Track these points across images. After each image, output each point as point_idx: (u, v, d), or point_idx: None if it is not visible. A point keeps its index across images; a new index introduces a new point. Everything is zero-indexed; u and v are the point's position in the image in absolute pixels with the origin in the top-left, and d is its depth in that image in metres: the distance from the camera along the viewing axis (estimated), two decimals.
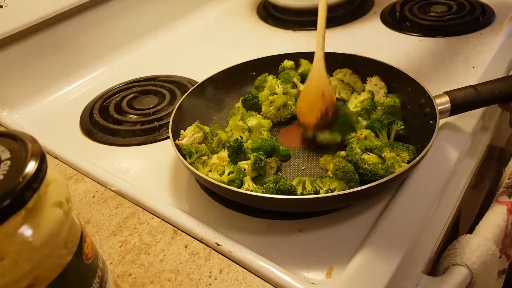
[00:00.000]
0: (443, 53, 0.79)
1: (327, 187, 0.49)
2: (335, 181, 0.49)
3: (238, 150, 0.55)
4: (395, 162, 0.50)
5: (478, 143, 0.63)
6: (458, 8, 0.90)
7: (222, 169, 0.53)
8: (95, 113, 0.74)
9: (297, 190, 0.50)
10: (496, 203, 0.54)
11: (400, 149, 0.52)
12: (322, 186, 0.50)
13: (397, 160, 0.51)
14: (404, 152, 0.51)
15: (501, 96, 0.58)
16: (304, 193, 0.49)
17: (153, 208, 0.52)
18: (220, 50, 0.90)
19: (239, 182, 0.52)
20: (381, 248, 0.45)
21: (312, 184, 0.50)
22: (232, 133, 0.61)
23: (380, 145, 0.55)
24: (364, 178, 0.50)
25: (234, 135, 0.61)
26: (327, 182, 0.50)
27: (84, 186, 0.58)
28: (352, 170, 0.50)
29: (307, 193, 0.49)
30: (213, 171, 0.53)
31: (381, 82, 0.65)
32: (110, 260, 0.47)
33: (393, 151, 0.52)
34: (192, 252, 0.46)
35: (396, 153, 0.52)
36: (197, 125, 0.59)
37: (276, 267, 0.43)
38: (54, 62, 0.81)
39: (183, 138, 0.58)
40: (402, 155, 0.51)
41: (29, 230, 0.26)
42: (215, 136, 0.59)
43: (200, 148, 0.56)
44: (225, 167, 0.53)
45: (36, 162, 0.27)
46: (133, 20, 0.92)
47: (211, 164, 0.54)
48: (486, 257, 0.49)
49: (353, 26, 0.92)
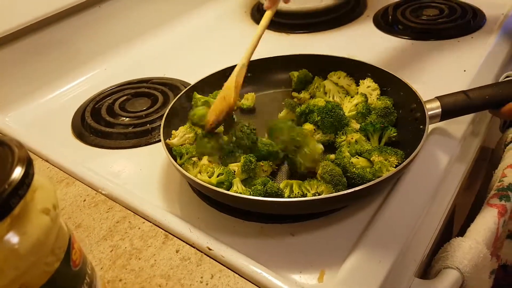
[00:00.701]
0: (435, 56, 0.79)
1: (315, 190, 0.49)
2: (323, 184, 0.50)
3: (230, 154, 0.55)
4: (382, 166, 0.51)
5: (469, 148, 0.64)
6: (450, 11, 0.91)
7: (211, 170, 0.53)
8: (87, 116, 0.73)
9: (284, 193, 0.50)
10: (487, 205, 0.55)
11: (388, 154, 0.52)
12: (309, 189, 0.50)
13: (384, 164, 0.51)
14: (392, 157, 0.52)
15: (492, 102, 0.58)
16: (291, 196, 0.49)
17: (144, 212, 0.52)
18: (213, 52, 0.90)
19: (228, 184, 0.51)
20: (373, 251, 0.45)
21: (299, 187, 0.50)
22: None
23: (369, 149, 0.55)
24: (352, 182, 0.51)
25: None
26: (315, 185, 0.50)
27: (75, 189, 0.57)
28: (340, 173, 0.50)
29: (294, 196, 0.49)
30: (202, 172, 0.53)
31: (374, 84, 0.65)
32: (100, 265, 0.46)
33: (381, 155, 0.52)
34: (183, 257, 0.46)
35: (384, 157, 0.52)
36: (190, 126, 0.59)
37: (268, 272, 0.43)
38: (46, 64, 0.80)
39: (174, 137, 0.58)
40: (390, 160, 0.51)
41: (15, 237, 0.26)
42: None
43: (190, 149, 0.56)
44: (215, 169, 0.53)
45: (23, 168, 0.26)
46: (127, 22, 0.91)
47: (201, 165, 0.54)
48: (477, 260, 0.49)
49: (346, 29, 0.93)
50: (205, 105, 0.60)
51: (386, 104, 0.60)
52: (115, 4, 0.88)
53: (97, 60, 0.87)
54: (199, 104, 0.63)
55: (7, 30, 0.72)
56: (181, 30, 0.98)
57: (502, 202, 0.54)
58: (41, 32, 0.78)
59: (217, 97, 0.59)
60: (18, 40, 0.75)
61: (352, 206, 0.52)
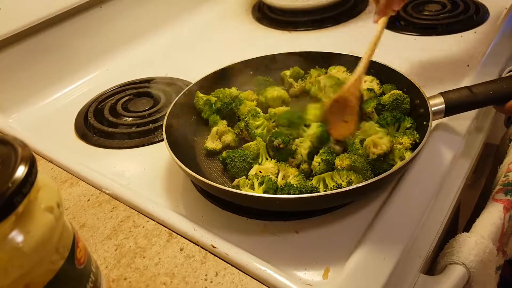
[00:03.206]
0: (437, 51, 0.79)
1: (347, 180, 0.49)
2: (352, 173, 0.50)
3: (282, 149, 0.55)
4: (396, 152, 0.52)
5: (473, 143, 0.63)
6: (452, 6, 0.90)
7: (250, 182, 0.51)
8: (89, 116, 0.73)
9: (319, 188, 0.50)
10: (492, 201, 0.54)
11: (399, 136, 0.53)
12: (341, 179, 0.50)
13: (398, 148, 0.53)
14: (403, 137, 0.53)
15: (496, 98, 0.57)
16: (327, 190, 0.49)
17: (148, 211, 0.52)
18: (215, 51, 0.90)
19: (272, 192, 0.50)
20: (377, 248, 0.45)
21: (332, 179, 0.50)
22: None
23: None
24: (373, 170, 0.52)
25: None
26: (344, 175, 0.50)
27: (79, 189, 0.57)
28: (363, 161, 0.52)
29: (329, 189, 0.49)
30: (242, 186, 0.51)
31: (369, 77, 0.65)
32: (105, 264, 0.46)
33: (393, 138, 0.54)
34: (187, 255, 0.46)
35: (396, 140, 0.54)
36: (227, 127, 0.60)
37: (272, 269, 0.43)
38: (48, 66, 0.80)
39: (212, 140, 0.60)
40: (402, 141, 0.53)
41: (19, 236, 0.26)
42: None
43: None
44: (253, 179, 0.51)
45: (26, 167, 0.26)
46: (128, 22, 0.91)
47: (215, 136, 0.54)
48: (483, 255, 0.48)
49: (348, 25, 0.92)
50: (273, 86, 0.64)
51: (393, 97, 0.59)
52: (116, 5, 0.88)
53: (99, 61, 0.87)
54: (202, 103, 0.63)
55: (9, 32, 0.72)
56: (183, 30, 0.98)
57: (508, 197, 0.54)
58: (43, 34, 0.79)
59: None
60: (20, 42, 0.76)
61: (356, 202, 0.51)
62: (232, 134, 0.60)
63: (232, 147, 0.60)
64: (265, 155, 0.56)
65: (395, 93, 0.60)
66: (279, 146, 0.54)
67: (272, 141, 0.55)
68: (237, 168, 0.54)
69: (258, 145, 0.57)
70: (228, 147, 0.60)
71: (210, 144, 0.60)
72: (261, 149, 0.56)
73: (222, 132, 0.61)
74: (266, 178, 0.50)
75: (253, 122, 0.60)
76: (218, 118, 0.62)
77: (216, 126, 0.61)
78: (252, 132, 0.59)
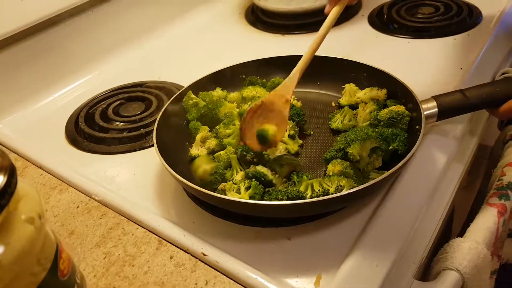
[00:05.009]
0: (431, 54, 0.79)
1: (336, 185, 0.48)
2: (342, 178, 0.49)
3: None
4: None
5: (466, 147, 0.63)
6: (445, 9, 0.90)
7: (236, 187, 0.50)
8: (80, 121, 0.72)
9: (306, 194, 0.49)
10: (486, 205, 0.54)
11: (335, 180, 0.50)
12: (330, 185, 0.49)
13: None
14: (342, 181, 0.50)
15: (489, 101, 0.57)
16: (313, 195, 0.48)
17: (137, 218, 0.51)
18: (208, 55, 0.89)
19: (259, 197, 0.49)
20: (370, 254, 0.44)
21: (320, 184, 0.49)
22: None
23: None
24: None
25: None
26: (335, 181, 0.49)
27: (68, 196, 0.57)
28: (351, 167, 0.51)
29: (316, 195, 0.48)
30: (228, 190, 0.51)
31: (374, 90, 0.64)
32: (93, 272, 0.46)
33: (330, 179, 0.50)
34: (177, 263, 0.45)
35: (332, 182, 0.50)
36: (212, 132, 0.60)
37: (263, 277, 0.42)
38: (39, 70, 0.79)
39: (197, 147, 0.59)
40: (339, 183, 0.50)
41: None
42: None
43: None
44: (239, 184, 0.50)
45: (5, 177, 0.26)
46: (119, 26, 0.90)
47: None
48: (477, 260, 0.48)
49: (341, 29, 0.92)
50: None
51: (390, 114, 0.56)
52: (107, 9, 0.87)
53: (90, 65, 0.86)
54: (191, 104, 0.62)
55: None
56: (175, 33, 0.98)
57: (502, 201, 0.54)
58: (34, 37, 0.78)
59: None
60: (10, 46, 0.75)
61: (349, 208, 0.51)
62: (215, 139, 0.59)
63: (218, 151, 0.59)
64: (238, 167, 0.55)
65: (393, 110, 0.57)
66: (253, 160, 0.54)
67: (244, 155, 0.55)
68: (211, 182, 0.53)
69: (228, 153, 0.56)
70: (213, 152, 0.59)
71: (194, 151, 0.59)
72: (233, 162, 0.55)
73: (205, 137, 0.60)
74: (253, 183, 0.50)
75: (224, 131, 0.59)
76: (199, 124, 0.61)
77: (198, 132, 0.60)
78: (221, 142, 0.59)
